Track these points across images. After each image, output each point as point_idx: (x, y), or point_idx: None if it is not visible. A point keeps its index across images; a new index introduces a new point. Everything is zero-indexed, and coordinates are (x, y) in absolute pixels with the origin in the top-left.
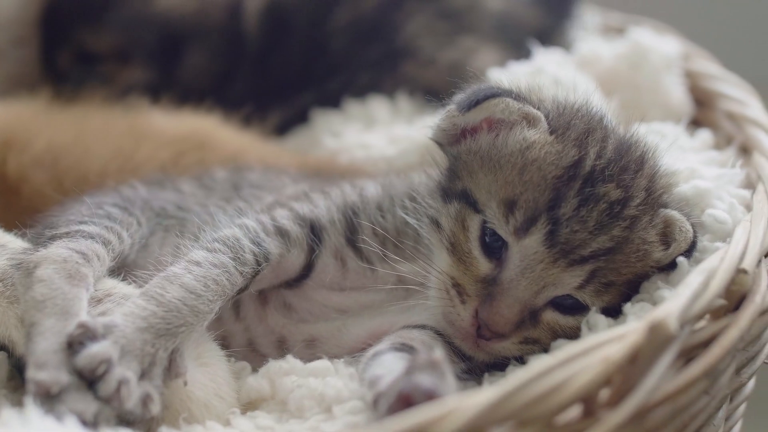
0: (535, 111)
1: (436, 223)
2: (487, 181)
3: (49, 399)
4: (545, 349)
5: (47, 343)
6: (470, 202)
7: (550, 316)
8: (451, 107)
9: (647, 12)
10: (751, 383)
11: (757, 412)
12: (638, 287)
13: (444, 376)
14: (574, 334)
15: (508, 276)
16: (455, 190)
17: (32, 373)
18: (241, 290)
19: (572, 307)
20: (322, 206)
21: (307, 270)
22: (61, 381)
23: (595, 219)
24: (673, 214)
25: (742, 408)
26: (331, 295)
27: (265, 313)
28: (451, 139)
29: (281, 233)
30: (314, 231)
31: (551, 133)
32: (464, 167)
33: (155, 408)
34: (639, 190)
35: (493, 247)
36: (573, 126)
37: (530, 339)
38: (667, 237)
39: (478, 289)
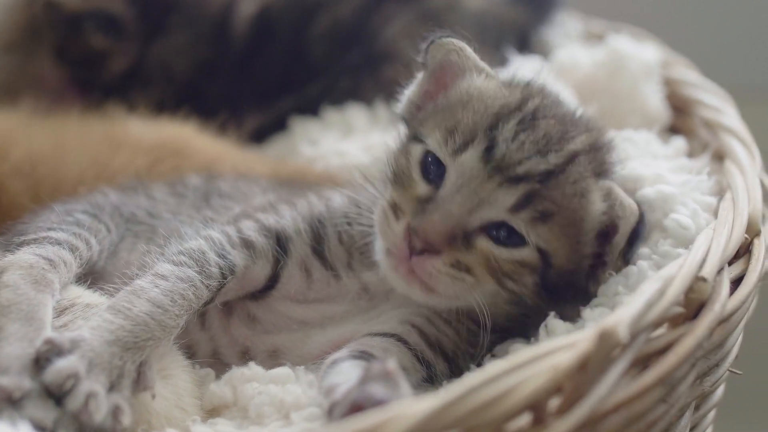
0: (484, 64)
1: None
2: (436, 121)
3: (10, 405)
4: (483, 293)
5: (11, 348)
6: (417, 139)
7: (484, 244)
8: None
9: (629, 19)
10: (720, 390)
11: (729, 419)
12: (581, 247)
13: (397, 385)
14: (509, 273)
15: (444, 193)
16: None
17: None
18: (207, 303)
19: (507, 239)
20: (288, 217)
21: (273, 281)
22: (23, 387)
23: (531, 142)
24: (615, 186)
25: (711, 415)
26: (294, 306)
27: (229, 324)
28: (415, 110)
29: (247, 245)
30: (280, 242)
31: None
32: (419, 123)
33: (126, 419)
34: (580, 138)
35: (434, 174)
36: (521, 82)
37: (463, 265)
38: (612, 209)
39: (413, 207)
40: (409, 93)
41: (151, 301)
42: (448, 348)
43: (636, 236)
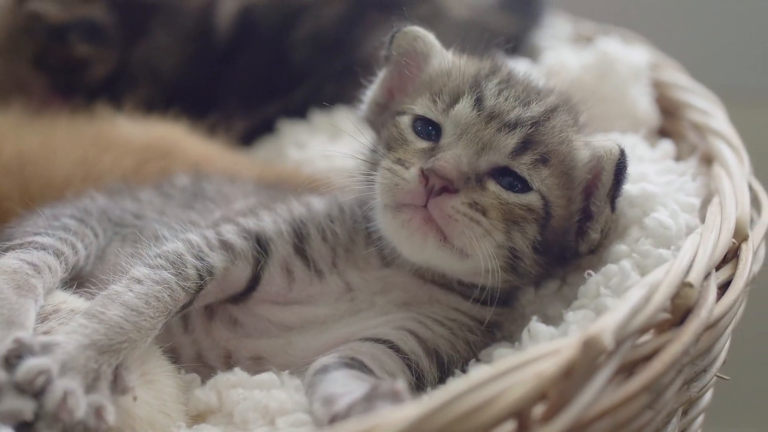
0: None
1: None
2: (414, 96)
3: None
4: (497, 241)
5: None
6: (400, 113)
7: (494, 187)
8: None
9: (618, 21)
10: (708, 395)
11: (718, 424)
12: (572, 203)
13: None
14: (518, 219)
15: (446, 141)
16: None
17: None
18: (186, 306)
19: (514, 185)
20: (268, 220)
21: (254, 282)
22: None
23: (513, 96)
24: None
25: (699, 420)
26: (275, 309)
27: (211, 327)
28: (380, 110)
29: (225, 247)
30: (260, 243)
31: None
32: (391, 114)
33: (110, 417)
34: (552, 95)
35: (428, 133)
36: (487, 57)
37: (479, 206)
38: (595, 153)
39: (419, 156)
40: (371, 94)
41: (125, 305)
42: (444, 352)
43: (621, 171)
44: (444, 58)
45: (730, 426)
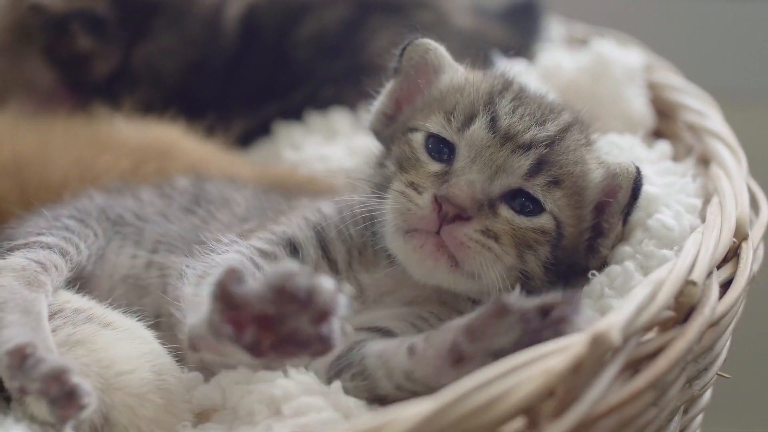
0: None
1: (382, 176)
2: (429, 109)
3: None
4: (508, 265)
5: (10, 330)
6: (412, 130)
7: (507, 212)
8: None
9: (612, 23)
10: (708, 394)
11: (716, 423)
12: (582, 222)
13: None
14: (531, 243)
15: (460, 164)
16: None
17: (2, 350)
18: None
19: (526, 206)
20: (294, 226)
21: None
22: (35, 342)
23: (528, 114)
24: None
25: (699, 419)
26: None
27: None
28: (388, 121)
29: (266, 255)
30: (293, 249)
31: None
32: (402, 128)
33: None
34: (565, 112)
35: (443, 153)
36: (495, 72)
37: (492, 232)
38: (608, 171)
39: (432, 181)
40: (378, 104)
41: None
42: None
43: (637, 189)
44: (456, 73)
45: (729, 425)
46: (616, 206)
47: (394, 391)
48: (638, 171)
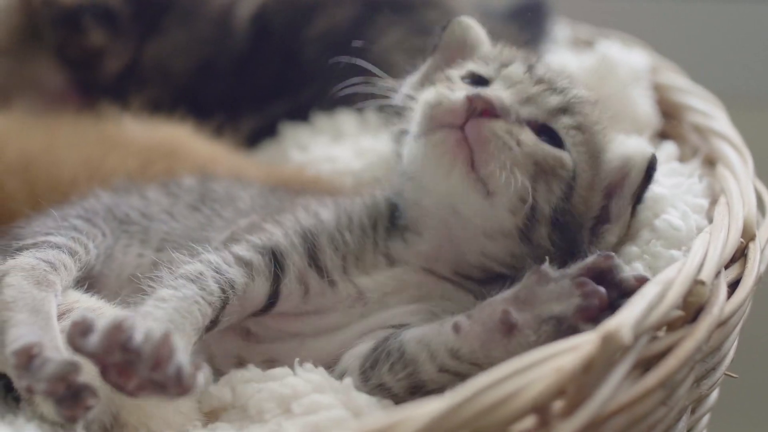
0: None
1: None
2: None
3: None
4: (521, 186)
5: (18, 330)
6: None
7: (531, 135)
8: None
9: (617, 25)
10: (715, 394)
11: (723, 423)
12: (594, 193)
13: None
14: (547, 170)
15: (494, 88)
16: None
17: (9, 350)
18: (212, 324)
19: (549, 138)
20: (279, 233)
21: (273, 299)
22: (42, 342)
23: (558, 77)
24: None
25: (705, 419)
26: (288, 320)
27: (223, 339)
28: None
29: (243, 263)
30: (276, 258)
31: None
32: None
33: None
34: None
35: (477, 84)
36: None
37: (515, 136)
38: (624, 151)
39: (466, 86)
40: (413, 80)
41: (158, 320)
42: None
43: (651, 170)
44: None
45: (735, 426)
46: (627, 189)
47: (436, 374)
48: (653, 154)
